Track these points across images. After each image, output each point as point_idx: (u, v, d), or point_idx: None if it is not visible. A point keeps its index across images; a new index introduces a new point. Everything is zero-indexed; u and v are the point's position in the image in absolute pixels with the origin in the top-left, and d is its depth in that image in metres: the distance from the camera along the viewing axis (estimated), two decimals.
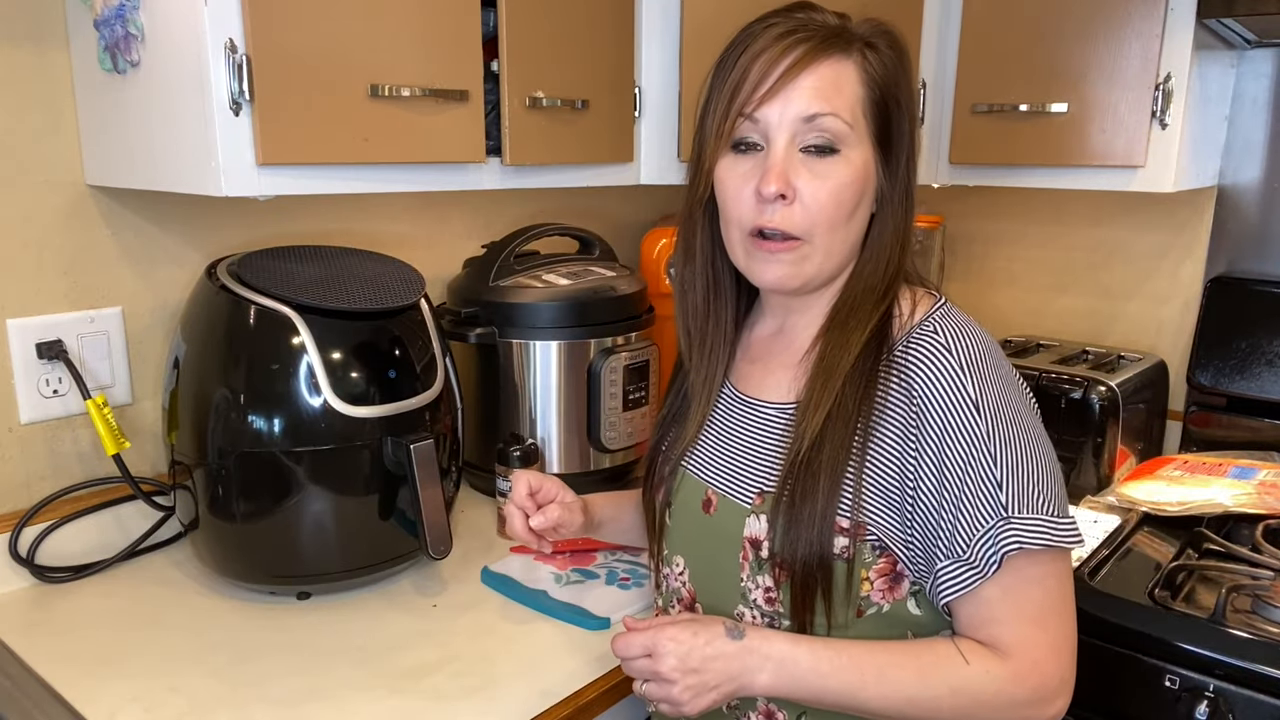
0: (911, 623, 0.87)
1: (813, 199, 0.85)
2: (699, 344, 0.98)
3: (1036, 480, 0.81)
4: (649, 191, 1.80)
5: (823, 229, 0.86)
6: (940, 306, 0.89)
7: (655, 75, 1.45)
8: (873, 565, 0.84)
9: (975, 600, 0.81)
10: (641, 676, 0.86)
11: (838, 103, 0.83)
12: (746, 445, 0.93)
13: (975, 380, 0.82)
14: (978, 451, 0.80)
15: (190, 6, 0.96)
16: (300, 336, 1.10)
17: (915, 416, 0.82)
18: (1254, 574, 1.22)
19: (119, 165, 1.16)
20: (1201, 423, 1.67)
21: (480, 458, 1.49)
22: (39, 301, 1.21)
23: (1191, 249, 1.72)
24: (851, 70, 0.84)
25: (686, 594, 0.96)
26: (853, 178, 0.85)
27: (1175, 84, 1.36)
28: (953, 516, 0.81)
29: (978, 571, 0.80)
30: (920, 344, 0.84)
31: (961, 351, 0.83)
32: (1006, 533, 0.79)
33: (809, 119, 0.84)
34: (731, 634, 0.84)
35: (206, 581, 1.23)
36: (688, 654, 0.82)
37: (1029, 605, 0.81)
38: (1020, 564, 0.80)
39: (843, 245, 0.88)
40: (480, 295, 1.47)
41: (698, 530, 0.95)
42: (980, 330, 0.87)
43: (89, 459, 1.28)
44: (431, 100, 1.13)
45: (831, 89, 0.83)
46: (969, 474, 0.80)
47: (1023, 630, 0.81)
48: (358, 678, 1.02)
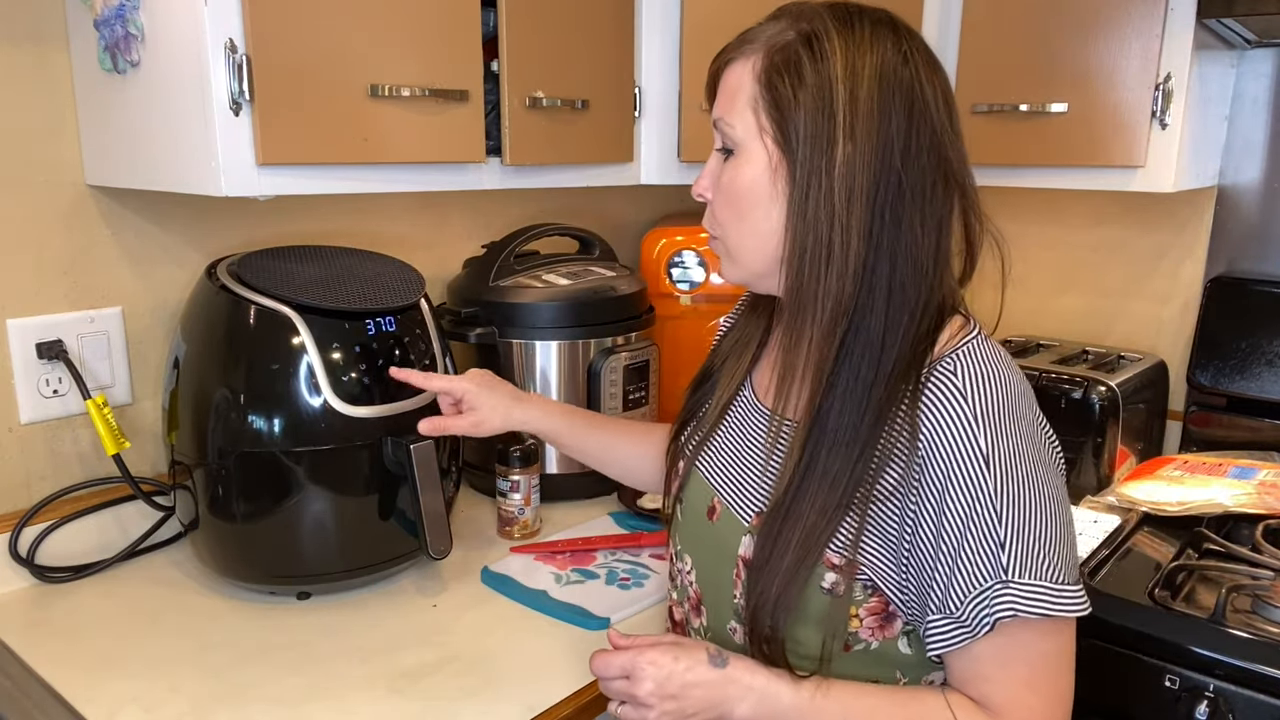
0: (901, 662, 0.83)
1: (716, 198, 0.87)
2: (731, 340, 1.00)
3: (1044, 544, 0.76)
4: (649, 191, 1.80)
5: (728, 225, 0.87)
6: (971, 338, 0.82)
7: (655, 75, 1.45)
8: (863, 603, 0.81)
9: (966, 656, 0.79)
10: (618, 698, 0.83)
11: (730, 109, 0.84)
12: (754, 456, 0.91)
13: (989, 432, 0.76)
14: (982, 508, 0.76)
15: (190, 6, 0.96)
16: (300, 336, 1.10)
17: (919, 462, 0.78)
18: (1254, 574, 1.22)
19: (119, 165, 1.17)
20: (1201, 423, 1.67)
21: (480, 458, 1.49)
22: (39, 301, 1.21)
23: (1191, 249, 1.72)
24: (745, 73, 0.83)
25: (694, 594, 0.95)
26: (748, 174, 0.83)
27: (1175, 84, 1.36)
28: (948, 571, 0.77)
29: (968, 631, 0.76)
30: (937, 384, 0.79)
31: (978, 397, 0.77)
32: (1002, 597, 0.75)
33: (715, 125, 0.87)
34: (714, 661, 0.81)
35: (206, 581, 1.23)
36: (666, 679, 0.79)
37: (1022, 669, 0.78)
38: (1014, 629, 0.76)
39: (750, 239, 0.85)
40: (480, 295, 1.47)
41: (702, 536, 0.93)
42: (1008, 369, 0.81)
43: (89, 459, 1.28)
44: (431, 100, 1.13)
45: (728, 97, 0.85)
46: (970, 530, 0.76)
47: (1014, 691, 0.78)
48: (358, 678, 1.02)
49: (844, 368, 0.80)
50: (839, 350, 0.80)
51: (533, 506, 1.38)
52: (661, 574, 1.26)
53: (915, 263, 0.80)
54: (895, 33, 0.81)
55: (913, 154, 0.79)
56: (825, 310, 0.80)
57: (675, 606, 1.00)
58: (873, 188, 0.78)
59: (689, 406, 1.02)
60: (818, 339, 0.81)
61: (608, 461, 1.16)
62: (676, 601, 0.99)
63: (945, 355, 0.80)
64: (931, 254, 0.81)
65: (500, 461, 1.36)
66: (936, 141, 0.81)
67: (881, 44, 0.79)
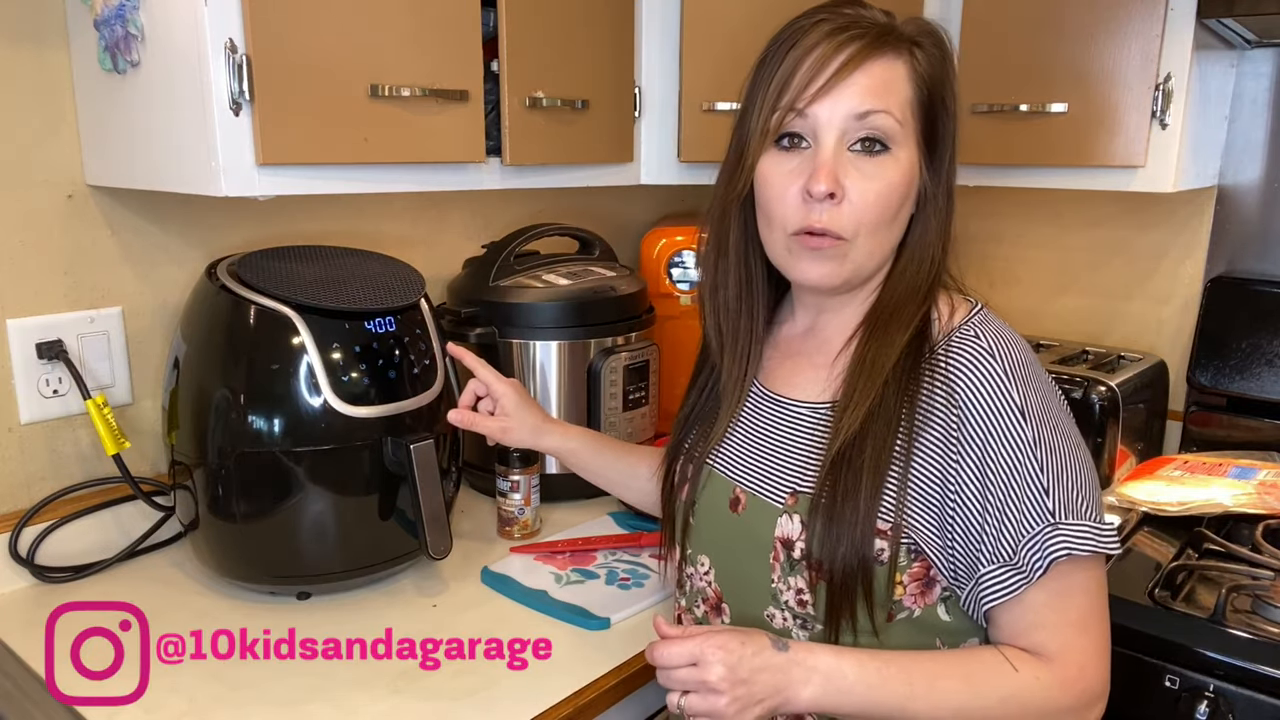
0: (941, 629, 0.86)
1: (860, 199, 0.83)
2: (730, 341, 0.97)
3: (1079, 486, 0.81)
4: (649, 191, 1.80)
5: (868, 229, 0.84)
6: (978, 312, 0.88)
7: (655, 75, 1.45)
8: (907, 569, 0.83)
9: (1020, 606, 0.81)
10: (683, 687, 0.80)
11: (889, 101, 0.83)
12: (776, 444, 0.91)
13: (1019, 386, 0.81)
14: (1024, 456, 0.80)
15: (190, 6, 0.96)
16: (300, 336, 1.10)
17: (958, 422, 0.81)
18: (1254, 574, 1.22)
19: (119, 165, 1.17)
20: (1201, 423, 1.67)
21: (480, 458, 1.49)
22: (39, 301, 1.21)
23: (1191, 249, 1.72)
24: (902, 69, 0.84)
25: (713, 594, 0.95)
26: (900, 178, 0.84)
27: (1175, 84, 1.36)
28: (998, 522, 0.80)
29: (1024, 576, 0.80)
30: (963, 348, 0.84)
31: (1005, 358, 0.82)
32: (1055, 538, 0.79)
33: (861, 116, 0.82)
34: (777, 645, 0.81)
35: (206, 581, 1.23)
36: (737, 664, 0.78)
37: (1073, 610, 0.81)
38: (1065, 569, 0.80)
39: (883, 246, 0.87)
40: (480, 295, 1.47)
41: (725, 530, 0.93)
42: (1017, 336, 0.87)
43: (89, 459, 1.28)
44: (431, 100, 1.13)
45: (883, 87, 0.83)
46: (1015, 479, 0.80)
47: (1067, 636, 0.81)
48: (358, 678, 1.02)
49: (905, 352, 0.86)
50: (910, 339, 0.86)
51: (533, 506, 1.38)
52: (662, 574, 1.26)
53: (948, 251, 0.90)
54: None
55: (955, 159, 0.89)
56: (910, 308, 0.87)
57: (684, 614, 0.99)
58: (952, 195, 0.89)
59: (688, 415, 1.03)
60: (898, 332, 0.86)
61: (627, 484, 1.19)
62: (686, 608, 0.99)
63: (963, 325, 0.86)
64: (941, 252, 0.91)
65: (500, 461, 1.36)
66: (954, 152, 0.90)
67: None
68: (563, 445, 1.16)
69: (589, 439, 1.19)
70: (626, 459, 1.19)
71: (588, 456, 1.17)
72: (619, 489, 1.21)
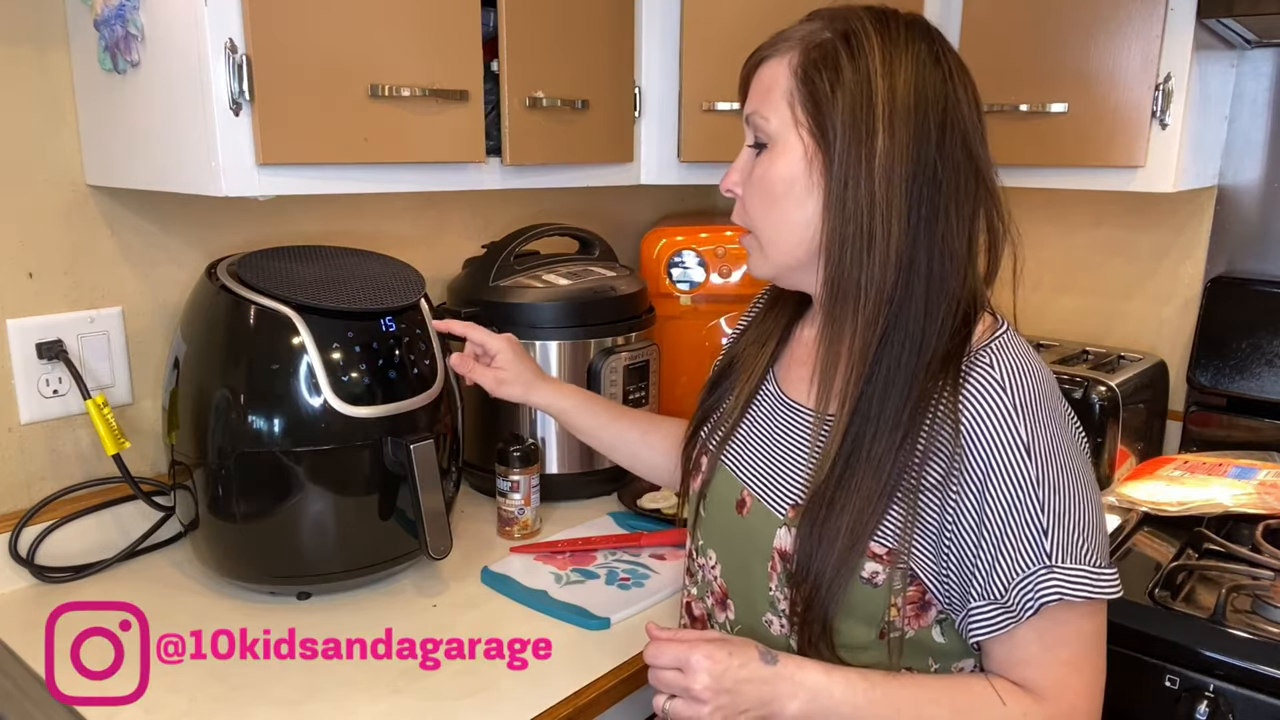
0: (934, 650, 0.85)
1: (747, 192, 0.89)
2: (750, 338, 1.01)
3: (1082, 529, 0.79)
4: (649, 191, 1.80)
5: (759, 215, 0.88)
6: (1003, 333, 0.85)
7: (655, 75, 1.45)
8: (902, 592, 0.82)
9: (1010, 642, 0.80)
10: (669, 690, 0.82)
11: (765, 102, 0.86)
12: (784, 449, 0.91)
13: (1028, 422, 0.79)
14: (1025, 495, 0.78)
15: (190, 6, 0.96)
16: (300, 336, 1.10)
17: (959, 452, 0.80)
18: (1254, 574, 1.22)
19: (119, 165, 1.17)
20: (1201, 423, 1.67)
21: (480, 458, 1.49)
22: (39, 301, 1.21)
23: (1191, 249, 1.72)
24: (783, 70, 0.85)
25: (719, 589, 0.95)
26: (781, 168, 0.85)
27: (1175, 84, 1.36)
28: (991, 559, 0.79)
29: (1012, 616, 0.79)
30: (974, 376, 0.81)
31: (1017, 389, 0.80)
32: (1048, 581, 0.77)
33: (748, 121, 0.88)
34: (765, 658, 0.81)
35: (206, 581, 1.23)
36: (722, 674, 0.79)
37: (1064, 650, 0.80)
38: (1058, 612, 0.78)
39: (781, 229, 0.87)
40: (480, 295, 1.47)
41: (730, 529, 0.93)
42: (1038, 363, 0.84)
43: (89, 459, 1.28)
44: (431, 100, 1.13)
45: (764, 92, 0.86)
46: (1012, 517, 0.78)
47: (1059, 674, 0.80)
48: (358, 678, 1.02)
49: (886, 354, 0.82)
50: (881, 338, 0.82)
51: (533, 506, 1.38)
52: (662, 574, 1.26)
53: (952, 254, 0.83)
54: (928, 34, 0.85)
55: (946, 149, 0.82)
56: (868, 298, 0.82)
57: (695, 602, 1.00)
58: (910, 178, 0.80)
59: (707, 403, 1.03)
60: (861, 327, 0.83)
61: (617, 445, 1.19)
62: (696, 597, 0.99)
63: (980, 349, 0.83)
64: (965, 247, 0.84)
65: (500, 461, 1.36)
66: (967, 139, 0.83)
67: (916, 44, 0.83)
68: (555, 403, 1.17)
69: (582, 399, 1.19)
70: (618, 423, 1.19)
71: (579, 416, 1.18)
72: (611, 451, 1.21)
